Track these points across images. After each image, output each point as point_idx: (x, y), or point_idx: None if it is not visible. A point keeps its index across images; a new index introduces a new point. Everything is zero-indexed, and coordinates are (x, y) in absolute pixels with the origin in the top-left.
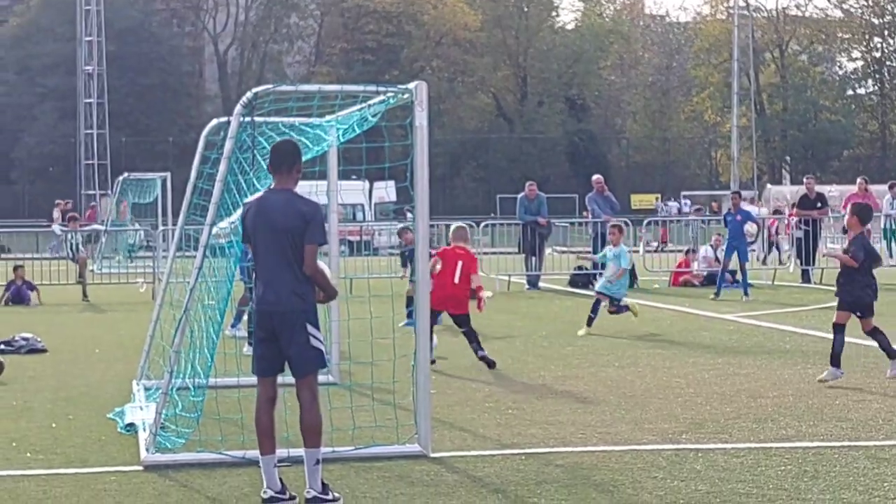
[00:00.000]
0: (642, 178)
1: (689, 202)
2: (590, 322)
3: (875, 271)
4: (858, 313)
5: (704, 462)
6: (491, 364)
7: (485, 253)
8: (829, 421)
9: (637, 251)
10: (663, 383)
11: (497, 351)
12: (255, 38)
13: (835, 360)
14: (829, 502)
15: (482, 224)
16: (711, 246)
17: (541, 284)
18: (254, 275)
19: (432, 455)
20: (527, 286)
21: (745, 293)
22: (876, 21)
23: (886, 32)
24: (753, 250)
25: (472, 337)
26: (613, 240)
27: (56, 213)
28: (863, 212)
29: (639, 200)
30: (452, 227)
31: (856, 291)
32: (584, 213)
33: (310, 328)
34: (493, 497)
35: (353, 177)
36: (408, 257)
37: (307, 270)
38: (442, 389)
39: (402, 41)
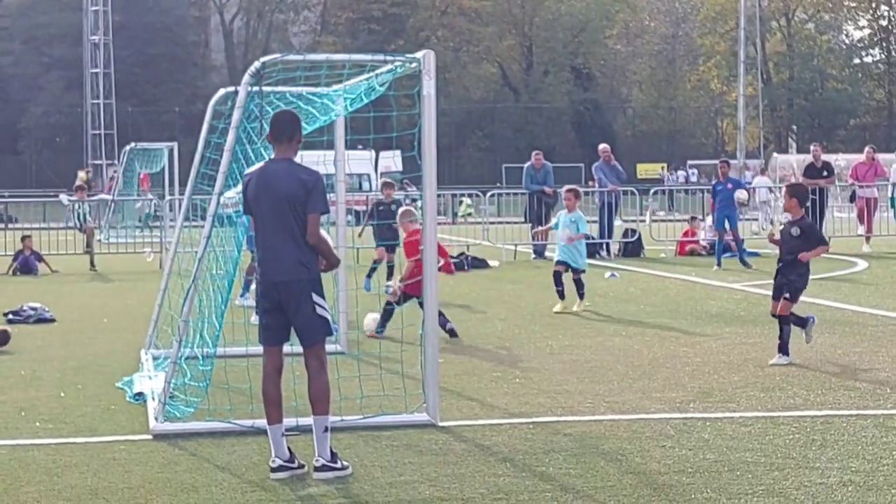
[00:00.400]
0: (648, 148)
1: (696, 171)
2: (561, 295)
3: (878, 239)
4: (787, 295)
5: (712, 431)
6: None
7: (491, 223)
8: (836, 389)
9: (644, 221)
10: (671, 352)
11: (504, 320)
12: (261, 8)
13: (783, 348)
14: (837, 471)
15: (488, 194)
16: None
17: (547, 254)
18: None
19: (440, 424)
20: (533, 255)
21: (743, 262)
22: None
23: (894, 1)
24: (746, 218)
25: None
26: (569, 205)
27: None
28: (802, 193)
29: (644, 170)
30: (401, 211)
31: (792, 276)
32: (591, 183)
33: (315, 297)
34: (501, 466)
35: (360, 146)
36: (378, 214)
37: (310, 239)
38: (450, 359)
39: (407, 10)
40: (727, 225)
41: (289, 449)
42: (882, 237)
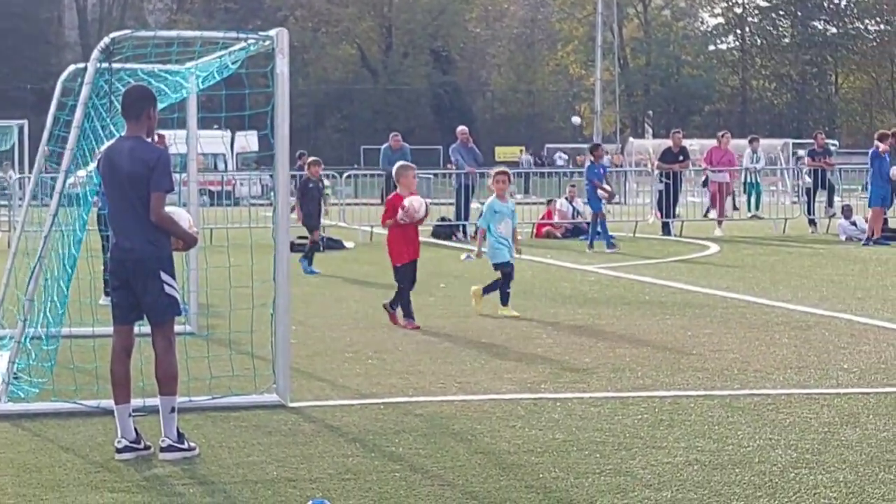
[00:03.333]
0: (507, 131)
1: (565, 155)
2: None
3: (730, 223)
4: None
5: (562, 411)
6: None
7: (348, 204)
8: (685, 371)
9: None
10: (524, 333)
11: (358, 300)
12: None
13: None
14: (684, 450)
15: (345, 174)
16: (566, 198)
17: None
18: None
19: (290, 405)
20: None
21: (608, 244)
22: None
23: None
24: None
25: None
26: (501, 191)
27: None
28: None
29: (503, 153)
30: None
31: None
32: (448, 165)
33: (164, 276)
34: (350, 446)
35: (216, 126)
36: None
37: (153, 218)
38: (302, 340)
39: None
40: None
41: (135, 430)
42: (734, 221)
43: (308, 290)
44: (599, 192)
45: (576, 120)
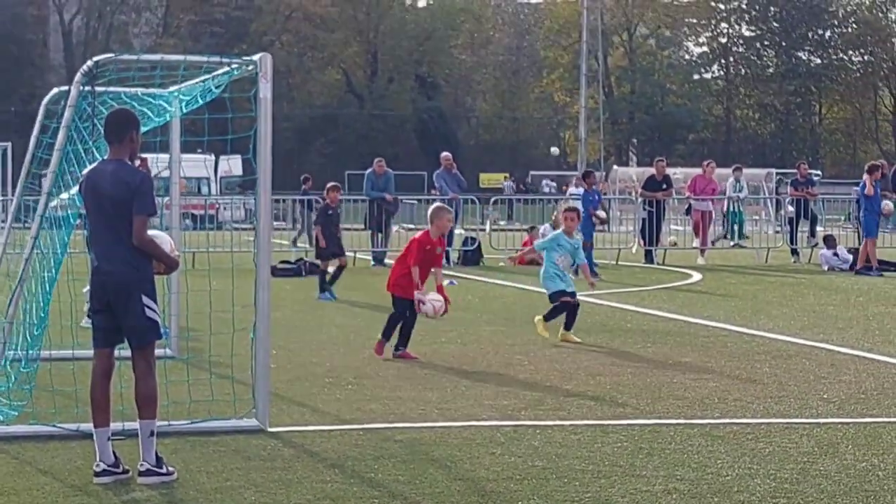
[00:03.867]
0: (491, 158)
1: (553, 183)
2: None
3: (716, 252)
4: None
5: (542, 438)
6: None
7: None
8: (665, 399)
9: (484, 229)
10: (505, 360)
11: (340, 325)
12: (102, 9)
13: None
14: (663, 478)
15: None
16: (551, 225)
17: (387, 261)
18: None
19: (270, 430)
20: (372, 262)
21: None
22: (722, 6)
23: (732, 18)
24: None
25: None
26: (570, 228)
27: None
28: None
29: (487, 179)
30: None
31: None
32: (432, 191)
33: (144, 299)
34: (330, 472)
35: (199, 150)
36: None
37: (136, 241)
38: (282, 364)
39: (251, 14)
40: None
41: (114, 453)
42: (717, 250)
43: (290, 314)
44: (594, 218)
45: (554, 150)
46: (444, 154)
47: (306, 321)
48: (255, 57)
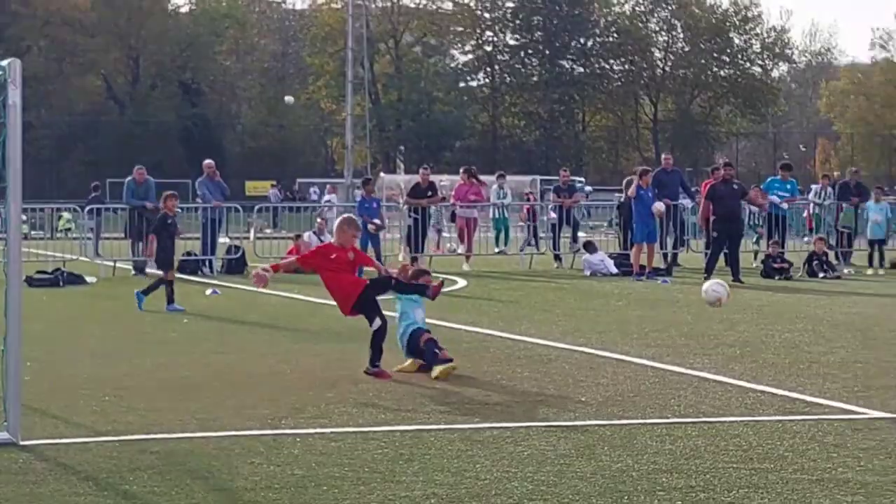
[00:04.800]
0: (257, 165)
1: (324, 189)
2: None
3: (481, 258)
4: None
5: (303, 447)
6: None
7: (89, 238)
8: (427, 405)
9: (248, 238)
10: (268, 369)
11: (98, 337)
12: None
13: None
14: (422, 483)
15: (87, 208)
16: (314, 232)
17: (147, 270)
18: None
19: (22, 443)
20: (133, 272)
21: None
22: (487, 15)
23: (497, 27)
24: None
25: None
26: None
27: None
28: None
29: (253, 187)
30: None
31: None
32: (196, 199)
33: None
34: (83, 485)
35: None
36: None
37: None
38: (37, 376)
39: (7, 19)
40: None
41: None
42: (482, 256)
43: (47, 326)
44: (370, 226)
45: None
46: (207, 161)
47: (64, 332)
48: (3, 62)
